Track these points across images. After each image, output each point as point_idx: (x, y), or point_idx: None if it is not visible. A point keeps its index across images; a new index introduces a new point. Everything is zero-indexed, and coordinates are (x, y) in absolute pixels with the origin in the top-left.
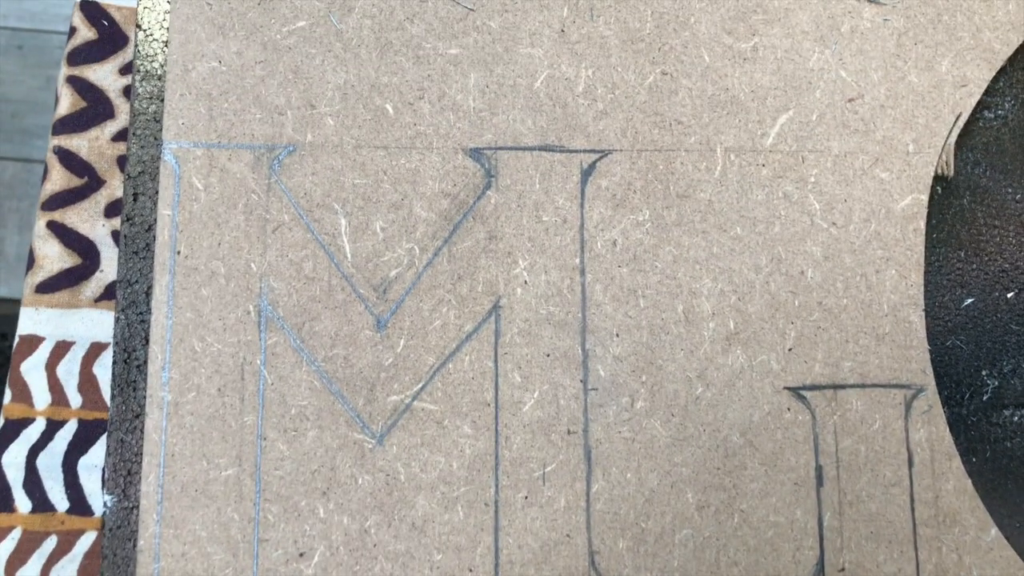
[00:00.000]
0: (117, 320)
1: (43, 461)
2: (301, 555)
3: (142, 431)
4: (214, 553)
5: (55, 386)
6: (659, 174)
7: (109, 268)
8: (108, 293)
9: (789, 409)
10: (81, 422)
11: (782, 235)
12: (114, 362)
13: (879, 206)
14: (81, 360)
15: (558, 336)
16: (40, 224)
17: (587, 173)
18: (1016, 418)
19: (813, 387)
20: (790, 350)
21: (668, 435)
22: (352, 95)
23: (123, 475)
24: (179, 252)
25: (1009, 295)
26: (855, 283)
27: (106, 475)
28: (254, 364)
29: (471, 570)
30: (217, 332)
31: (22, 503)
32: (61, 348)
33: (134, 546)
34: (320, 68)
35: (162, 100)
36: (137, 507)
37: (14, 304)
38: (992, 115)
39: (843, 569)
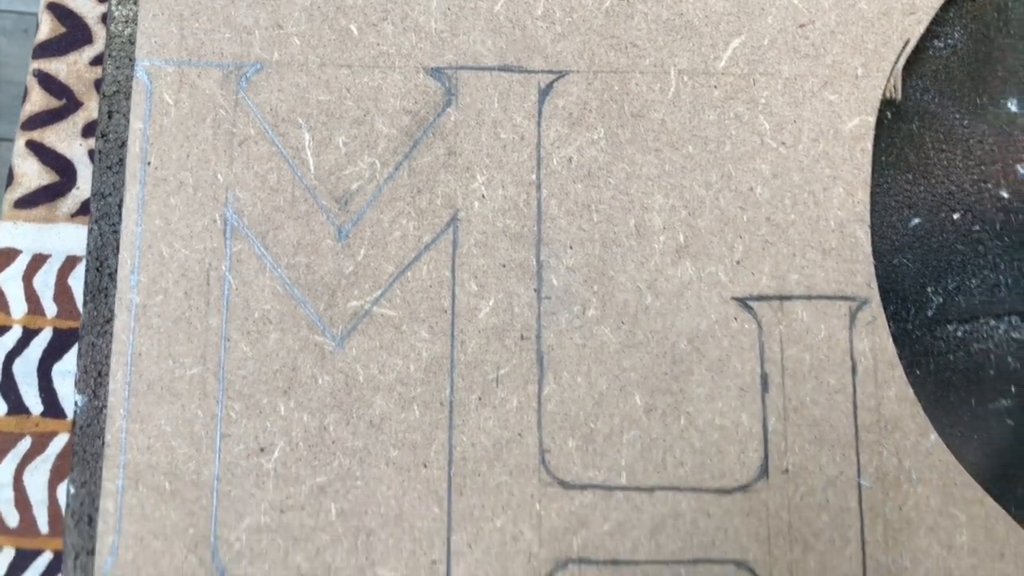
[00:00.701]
0: (90, 231)
1: (19, 367)
2: (262, 450)
3: (112, 335)
4: (178, 447)
5: (31, 296)
6: (614, 95)
7: (85, 186)
8: (84, 209)
9: (736, 318)
10: (56, 330)
11: (732, 154)
12: (87, 270)
13: (827, 127)
14: (57, 272)
15: (513, 247)
16: (20, 143)
17: (544, 93)
18: (959, 333)
19: (760, 298)
20: (738, 262)
21: (618, 341)
22: (318, 16)
23: (93, 376)
24: (149, 163)
25: (955, 216)
26: (803, 200)
27: (77, 377)
28: (219, 270)
29: (426, 465)
30: (184, 239)
31: None
32: (38, 261)
33: (103, 443)
34: None
35: (136, 23)
36: (106, 406)
37: None
38: (942, 44)
39: (787, 471)
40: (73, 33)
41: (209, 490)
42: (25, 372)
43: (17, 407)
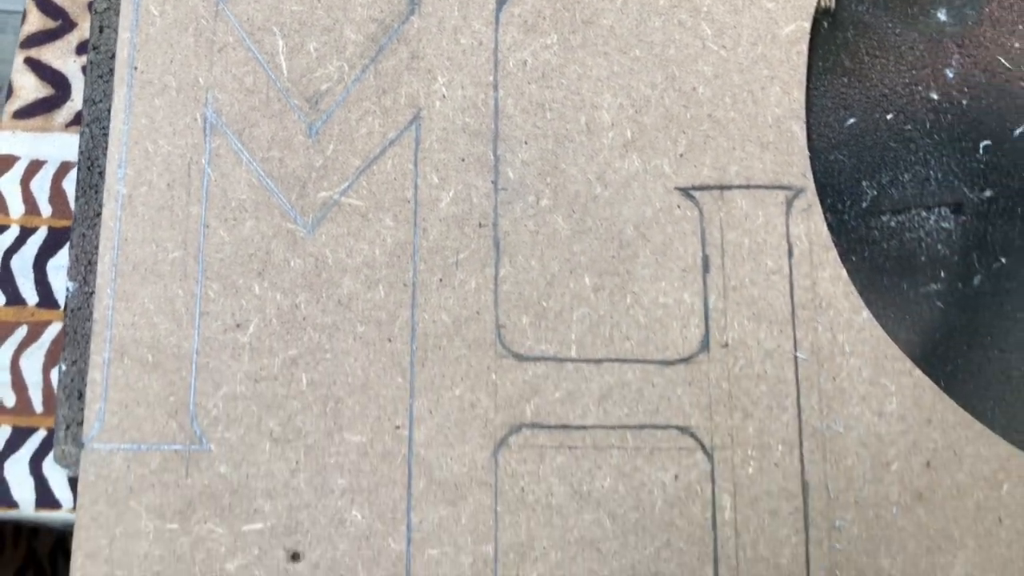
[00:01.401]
0: (82, 133)
1: (16, 263)
2: (238, 326)
3: (101, 226)
4: (160, 323)
5: (28, 198)
6: (566, 3)
7: (78, 98)
8: (77, 119)
9: (679, 206)
10: (51, 229)
11: (676, 56)
12: (79, 168)
13: (765, 32)
14: (52, 176)
15: (472, 143)
16: (18, 60)
17: (501, 2)
18: (892, 223)
19: (701, 187)
20: (681, 156)
21: (569, 228)
22: None
23: (84, 265)
24: (136, 68)
25: (888, 116)
26: (742, 98)
27: (69, 265)
28: (199, 163)
29: (390, 340)
30: (168, 136)
31: None
32: (34, 166)
33: (92, 324)
34: None
35: None
36: (95, 291)
37: None
38: None
39: (726, 344)
40: None
41: (189, 362)
42: (22, 267)
43: (14, 299)
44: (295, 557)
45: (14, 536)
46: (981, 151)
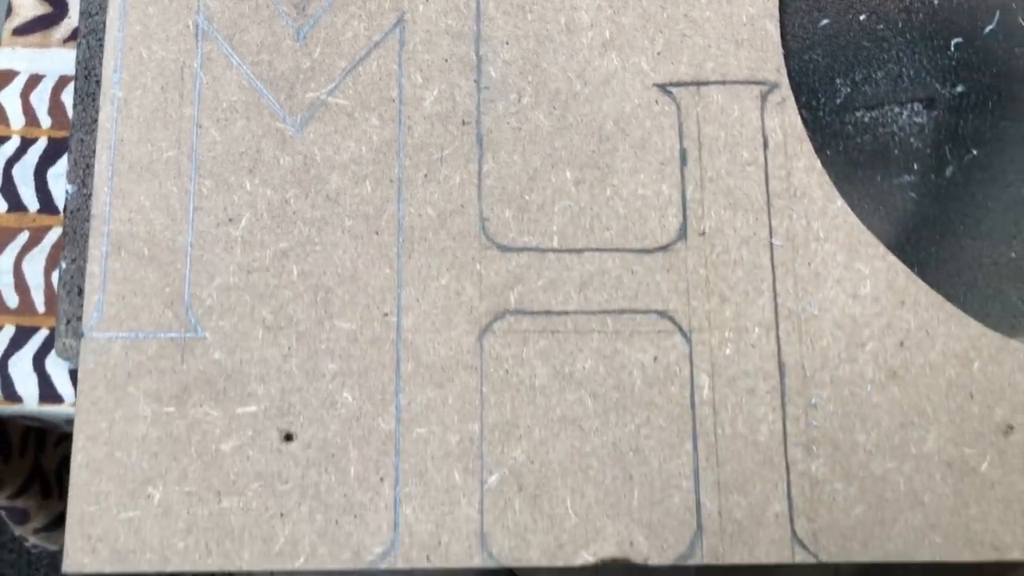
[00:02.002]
0: (79, 44)
1: (17, 171)
2: (230, 220)
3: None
4: (156, 219)
5: (28, 110)
6: None
7: (75, 16)
8: (74, 36)
9: (657, 102)
10: (50, 139)
11: None
12: (76, 77)
13: None
14: (51, 90)
15: (455, 44)
16: None
17: None
18: (866, 118)
19: (679, 84)
20: (659, 54)
21: (550, 124)
22: None
23: (82, 168)
24: None
25: (861, 17)
26: None
27: (68, 169)
28: (192, 67)
29: (378, 233)
30: (161, 42)
31: None
32: (34, 80)
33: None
34: None
35: None
36: (92, 192)
37: None
38: None
39: (703, 233)
40: None
41: (183, 255)
42: (23, 175)
43: (16, 205)
44: (288, 437)
45: (21, 446)
46: (952, 48)
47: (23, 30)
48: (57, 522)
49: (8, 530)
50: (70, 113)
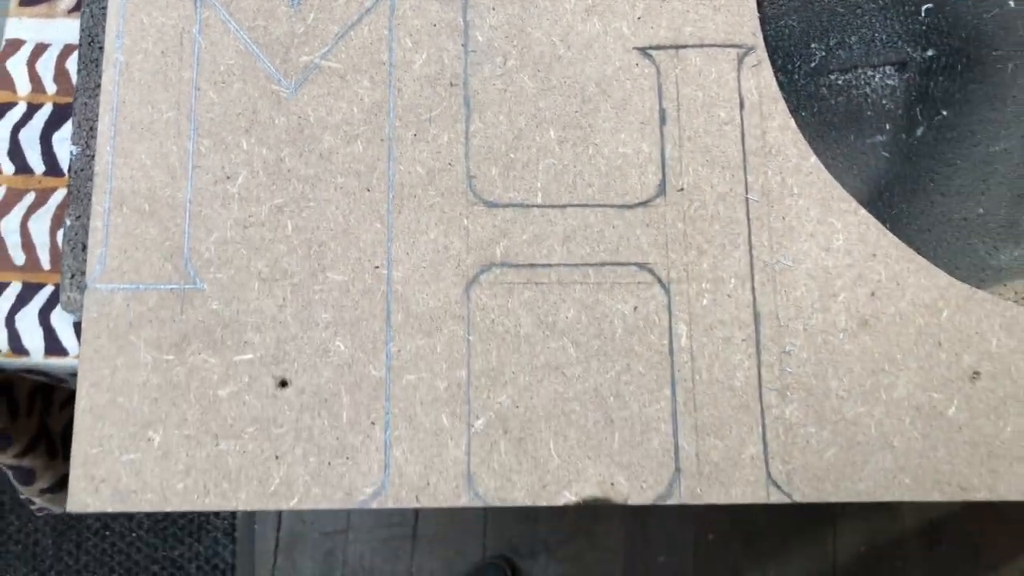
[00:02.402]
0: (83, 13)
1: (24, 135)
2: (228, 177)
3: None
4: (156, 176)
5: (34, 77)
6: None
7: None
8: (78, 6)
9: (637, 64)
10: (55, 105)
11: None
12: (80, 44)
13: None
14: (56, 58)
15: (443, 9)
16: None
17: None
18: (840, 81)
19: (658, 47)
20: (639, 18)
21: (535, 87)
22: None
23: (86, 130)
24: None
25: None
26: None
27: (72, 131)
28: (190, 32)
29: (369, 190)
30: (161, 8)
31: (6, 167)
32: (39, 49)
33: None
34: None
35: None
36: (96, 153)
37: None
38: None
39: (682, 189)
40: None
41: (182, 210)
42: (29, 139)
43: (23, 168)
44: (283, 384)
45: (28, 406)
46: (923, 14)
47: (29, 1)
48: (62, 483)
49: (13, 522)
50: (74, 79)
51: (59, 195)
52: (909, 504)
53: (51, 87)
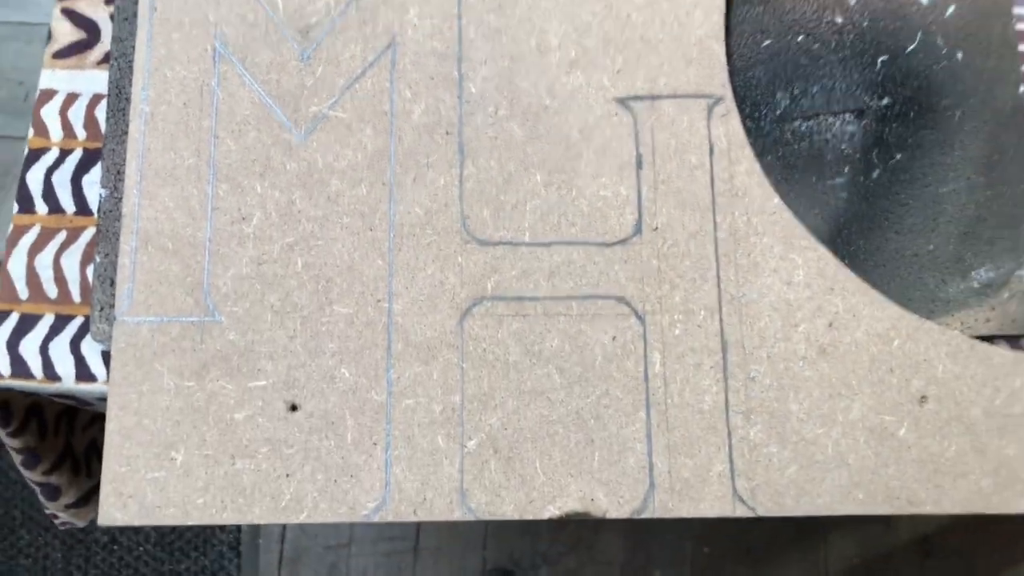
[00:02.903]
0: (111, 66)
1: (57, 178)
2: (243, 218)
3: (128, 142)
4: (179, 217)
5: (66, 124)
6: None
7: (107, 40)
8: (106, 59)
9: (616, 114)
10: (85, 150)
11: None
12: (108, 95)
13: None
14: (86, 106)
15: (440, 64)
16: (56, 10)
17: None
18: (803, 128)
19: (636, 98)
20: (618, 71)
21: (523, 134)
22: None
23: (114, 175)
24: (155, 9)
25: (799, 38)
26: (669, 22)
27: (101, 175)
28: (210, 85)
29: (372, 229)
30: (183, 63)
31: (40, 207)
32: (71, 98)
33: (120, 221)
34: None
35: None
36: (123, 195)
37: None
38: None
39: (656, 228)
40: None
41: (202, 249)
42: (61, 181)
43: (55, 208)
44: (293, 408)
45: (55, 427)
46: (879, 65)
47: (61, 54)
48: (85, 498)
49: (24, 536)
50: (103, 126)
51: (88, 233)
52: (902, 517)
53: (81, 133)
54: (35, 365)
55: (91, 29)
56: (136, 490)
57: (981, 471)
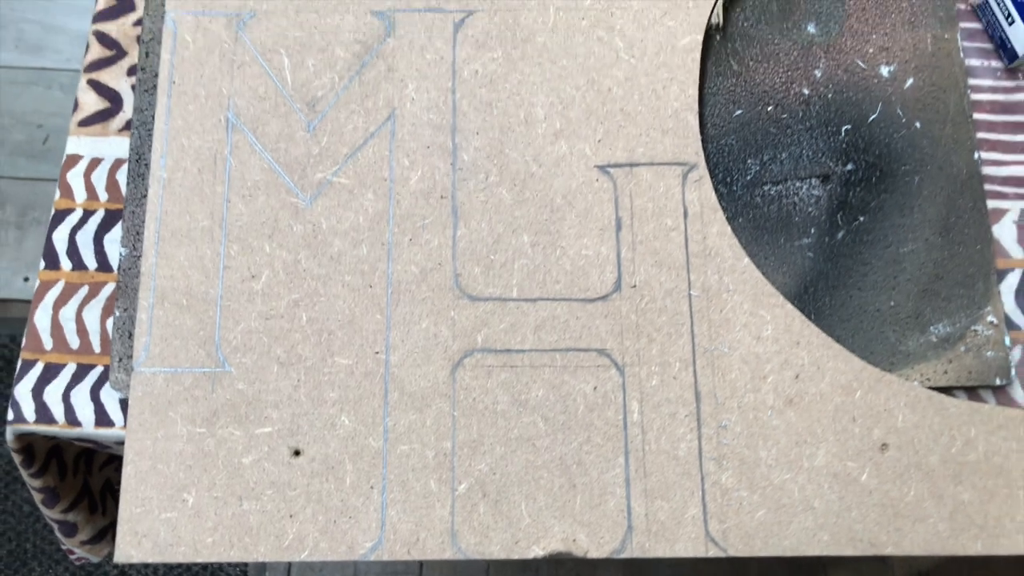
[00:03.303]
0: (132, 134)
1: (80, 237)
2: (252, 276)
3: (147, 204)
4: (192, 275)
5: (89, 187)
6: (509, 26)
7: (128, 109)
8: (127, 126)
9: (597, 180)
10: (107, 211)
11: (595, 65)
12: (129, 161)
13: (666, 43)
14: (108, 170)
15: (435, 134)
16: (83, 81)
17: (458, 26)
18: (772, 192)
19: (615, 165)
20: (599, 141)
21: (511, 198)
22: None
23: (133, 235)
24: (174, 82)
25: (769, 108)
26: (648, 95)
27: (122, 236)
28: (223, 153)
29: (371, 286)
30: (198, 133)
31: (64, 264)
32: (94, 163)
33: (139, 278)
34: None
35: None
36: (142, 254)
37: None
38: None
39: (635, 286)
40: (122, 4)
41: (214, 305)
42: (84, 240)
43: (78, 265)
44: (297, 453)
45: (74, 468)
46: (843, 134)
47: (86, 122)
48: (101, 535)
49: (35, 568)
50: (123, 190)
51: (108, 288)
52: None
53: (103, 195)
54: (58, 411)
55: (114, 99)
56: (150, 529)
57: (938, 515)
